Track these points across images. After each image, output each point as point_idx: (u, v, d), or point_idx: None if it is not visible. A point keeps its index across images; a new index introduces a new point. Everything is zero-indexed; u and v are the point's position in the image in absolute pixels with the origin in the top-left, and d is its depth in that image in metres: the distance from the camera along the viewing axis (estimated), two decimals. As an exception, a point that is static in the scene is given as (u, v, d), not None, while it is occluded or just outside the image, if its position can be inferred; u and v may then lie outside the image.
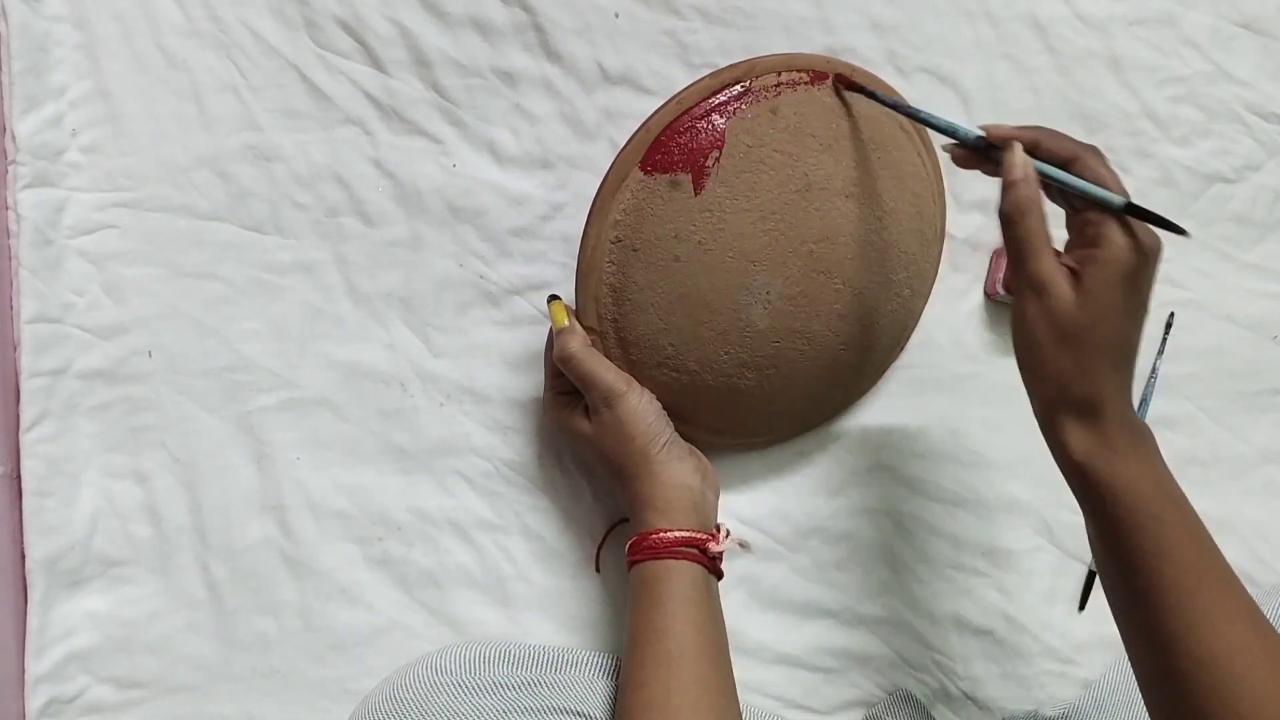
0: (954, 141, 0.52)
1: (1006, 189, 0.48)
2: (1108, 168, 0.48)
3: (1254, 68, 0.73)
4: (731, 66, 0.58)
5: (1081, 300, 0.46)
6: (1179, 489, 0.48)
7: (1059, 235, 0.49)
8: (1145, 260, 0.46)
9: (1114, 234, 0.46)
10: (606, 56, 0.66)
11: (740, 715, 0.55)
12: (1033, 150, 0.49)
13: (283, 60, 0.66)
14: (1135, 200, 0.47)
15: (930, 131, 0.59)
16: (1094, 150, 0.48)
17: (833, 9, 0.68)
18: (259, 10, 0.66)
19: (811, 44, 0.68)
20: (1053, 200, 0.49)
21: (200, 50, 0.65)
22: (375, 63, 0.66)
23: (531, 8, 0.66)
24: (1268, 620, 0.46)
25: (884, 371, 0.69)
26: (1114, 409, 0.47)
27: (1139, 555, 0.46)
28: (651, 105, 0.59)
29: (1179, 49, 0.72)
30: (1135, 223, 0.46)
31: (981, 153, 0.51)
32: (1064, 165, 0.48)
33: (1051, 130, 0.49)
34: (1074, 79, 0.71)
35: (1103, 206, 0.47)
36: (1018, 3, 0.70)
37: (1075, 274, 0.46)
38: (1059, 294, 0.46)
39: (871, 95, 0.59)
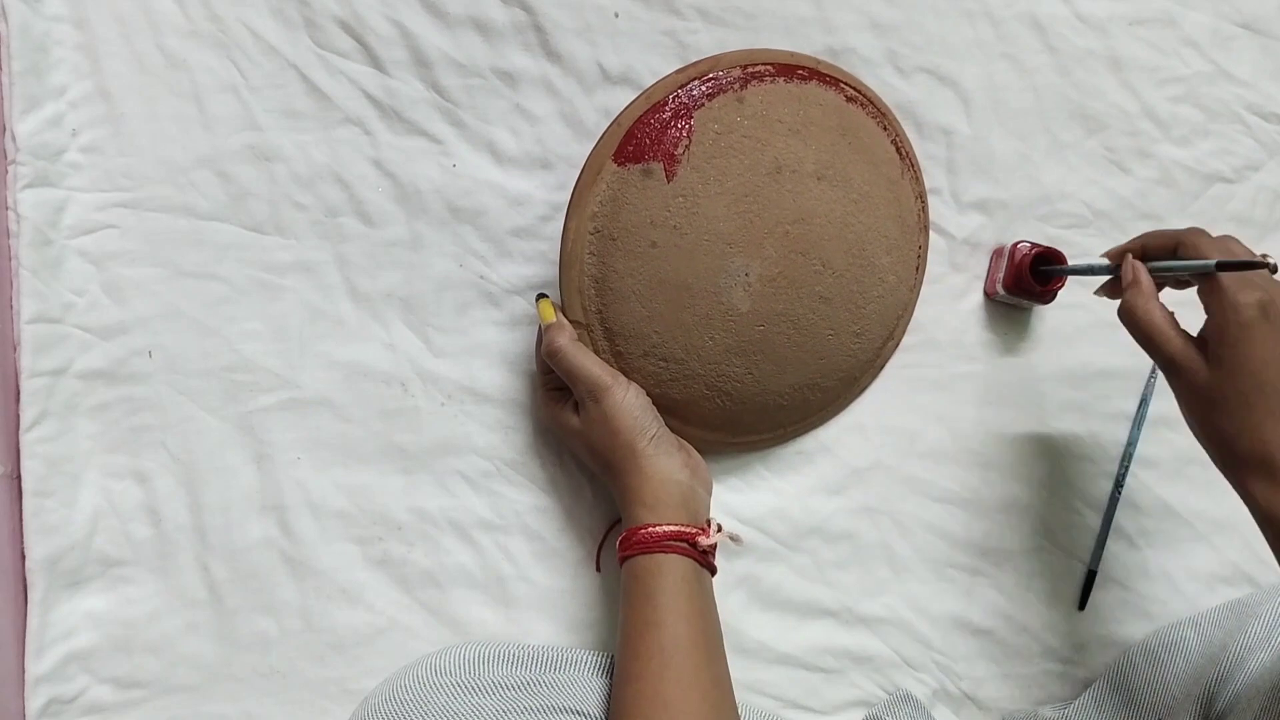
0: (1103, 283, 0.61)
1: (1125, 292, 0.54)
2: (1210, 239, 0.53)
3: (1254, 68, 0.73)
4: (697, 62, 0.60)
5: (1213, 365, 0.51)
6: None
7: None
8: (1261, 309, 0.50)
9: (1220, 294, 0.50)
10: (606, 56, 0.67)
11: (735, 706, 0.55)
12: (1143, 254, 0.56)
13: (283, 60, 0.66)
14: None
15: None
16: (1195, 230, 0.54)
17: (833, 9, 0.68)
18: (259, 10, 0.66)
19: (811, 44, 0.68)
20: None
21: (200, 50, 0.65)
22: (375, 63, 0.66)
23: (531, 8, 0.66)
24: None
25: (881, 366, 0.69)
26: None
27: None
28: (648, 85, 0.60)
29: (1179, 49, 0.72)
30: (1242, 275, 0.50)
31: (1115, 275, 0.58)
32: (1171, 254, 0.54)
33: (1156, 231, 0.56)
34: (1074, 79, 0.71)
35: (1204, 274, 0.52)
36: (1018, 3, 0.70)
37: (1206, 344, 0.51)
38: (1191, 367, 0.51)
39: (1061, 271, 0.66)
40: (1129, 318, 0.54)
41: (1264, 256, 0.51)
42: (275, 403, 0.65)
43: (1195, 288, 0.55)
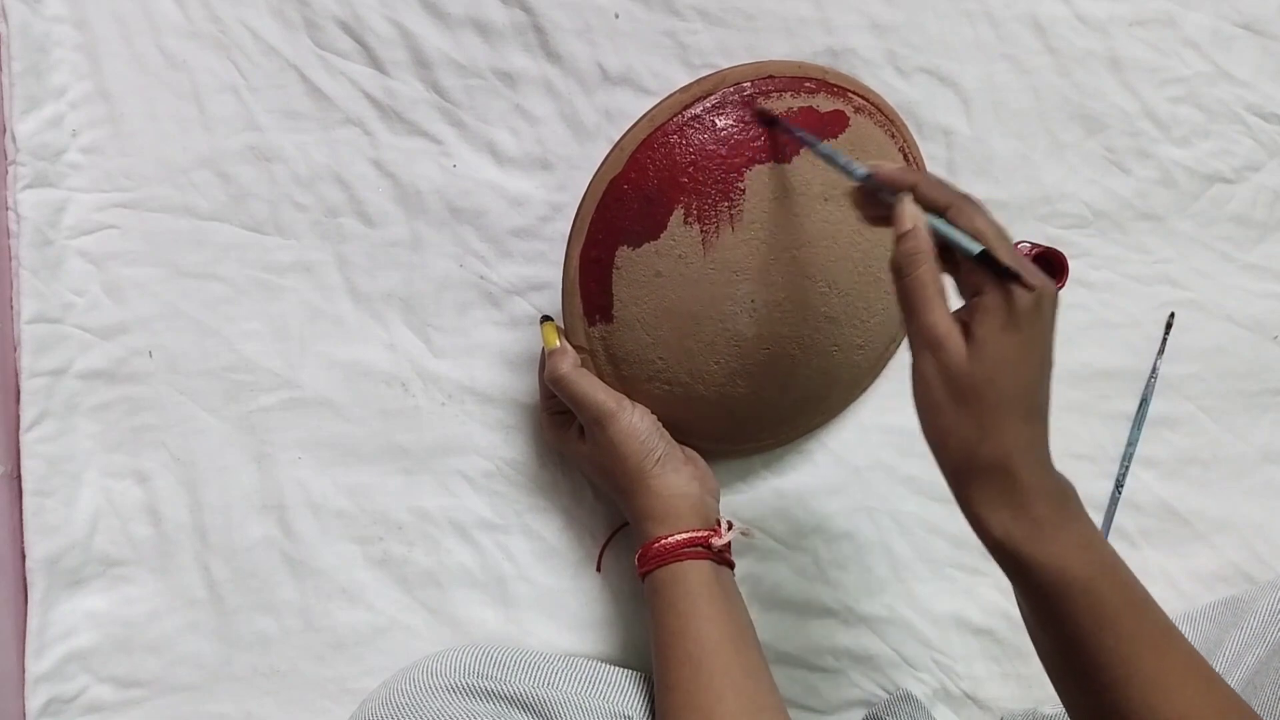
0: (856, 184, 0.50)
1: (897, 240, 0.45)
2: (986, 217, 0.45)
3: (1254, 68, 0.73)
4: (701, 80, 0.58)
5: (973, 353, 0.43)
6: (1108, 548, 0.45)
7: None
8: (1036, 302, 0.43)
9: (994, 280, 0.43)
10: (606, 57, 0.67)
11: (773, 688, 0.55)
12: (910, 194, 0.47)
13: (283, 60, 0.66)
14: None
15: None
16: (969, 199, 0.46)
17: (833, 10, 0.68)
18: (259, 10, 0.66)
19: (812, 45, 0.68)
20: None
21: (200, 51, 0.65)
22: (375, 63, 0.66)
23: (531, 8, 0.66)
24: (1213, 671, 0.45)
25: (882, 368, 0.69)
26: (1028, 472, 0.43)
27: (1078, 630, 0.44)
28: (651, 106, 0.59)
29: (1179, 49, 0.72)
30: (1022, 265, 0.44)
31: (872, 195, 0.49)
32: (939, 212, 0.46)
33: (932, 178, 0.47)
34: (1074, 79, 0.71)
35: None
36: (1018, 3, 0.70)
37: (967, 327, 0.44)
38: (952, 348, 0.43)
39: (787, 130, 0.57)
40: (904, 268, 0.45)
41: (1031, 246, 0.40)
42: (275, 403, 0.65)
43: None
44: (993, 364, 0.42)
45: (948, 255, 0.46)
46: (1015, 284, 0.42)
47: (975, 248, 0.43)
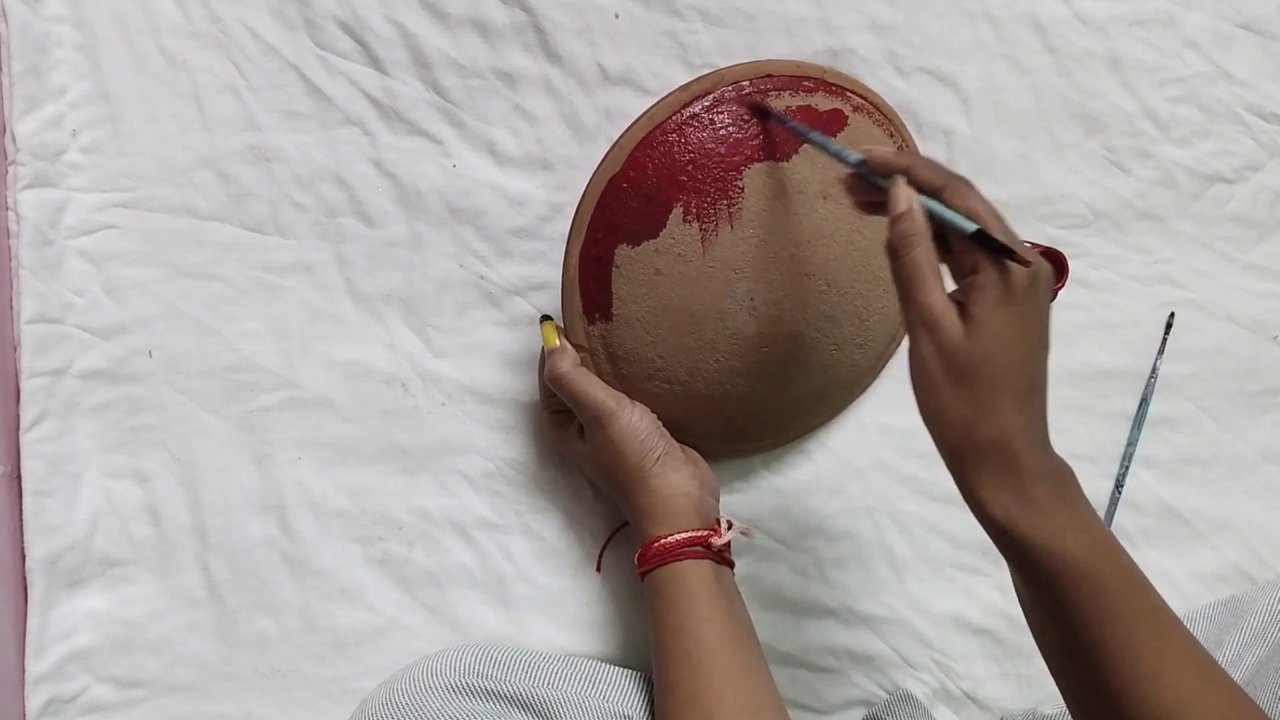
0: (850, 172, 0.50)
1: (892, 222, 0.45)
2: (980, 199, 0.45)
3: (1254, 68, 0.73)
4: (700, 79, 0.58)
5: (970, 331, 0.43)
6: (1107, 533, 0.45)
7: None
8: (1032, 279, 0.43)
9: (990, 258, 0.43)
10: (606, 57, 0.67)
11: (772, 687, 0.55)
12: (906, 179, 0.47)
13: (283, 60, 0.66)
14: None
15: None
16: (964, 180, 0.46)
17: (833, 10, 0.68)
18: (259, 10, 0.66)
19: (812, 45, 0.68)
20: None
21: (200, 51, 0.66)
22: (375, 63, 0.66)
23: (531, 8, 0.66)
24: (1213, 659, 0.44)
25: (882, 367, 0.69)
26: (1027, 452, 0.43)
27: (1076, 613, 0.43)
28: (650, 105, 0.59)
29: (1179, 49, 0.72)
30: (1016, 243, 0.44)
31: (866, 181, 0.49)
32: (934, 194, 0.46)
33: (926, 159, 0.47)
34: (1074, 79, 0.71)
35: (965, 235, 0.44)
36: (1018, 3, 0.70)
37: (963, 307, 0.44)
38: (949, 326, 0.43)
39: (780, 121, 0.57)
40: (899, 250, 0.45)
41: (1031, 245, 0.41)
42: (275, 403, 0.65)
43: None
44: (990, 341, 0.42)
45: (941, 241, 0.46)
46: (1011, 261, 0.43)
47: (970, 226, 0.44)
